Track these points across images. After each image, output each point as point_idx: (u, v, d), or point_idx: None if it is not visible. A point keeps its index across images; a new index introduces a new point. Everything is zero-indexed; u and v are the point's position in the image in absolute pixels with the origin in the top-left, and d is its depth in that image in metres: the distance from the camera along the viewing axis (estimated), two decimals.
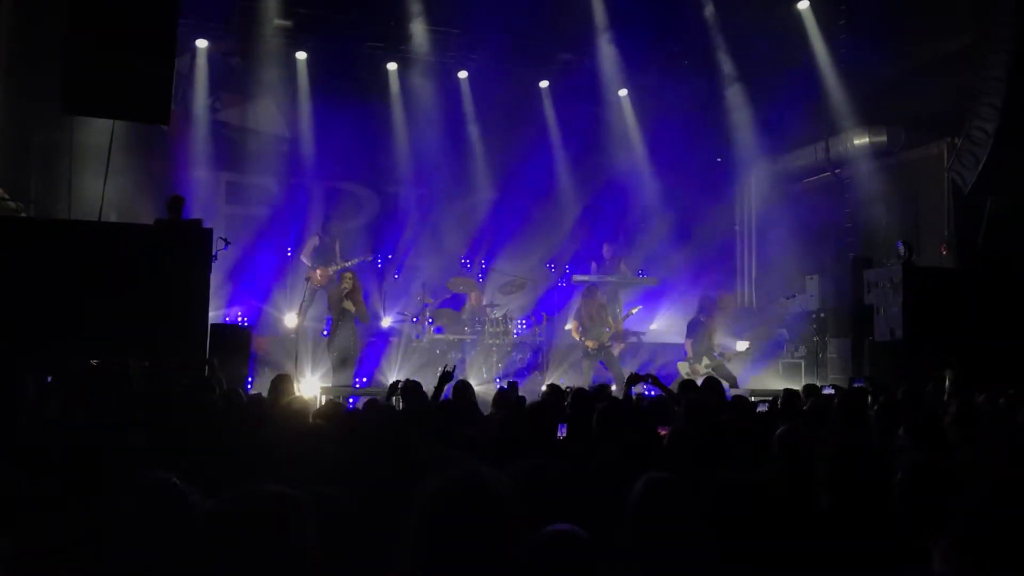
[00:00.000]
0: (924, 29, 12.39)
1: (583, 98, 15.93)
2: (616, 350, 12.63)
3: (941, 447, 4.43)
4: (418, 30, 14.13)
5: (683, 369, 11.87)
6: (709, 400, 6.15)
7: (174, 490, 2.46)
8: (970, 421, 5.18)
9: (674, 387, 7.45)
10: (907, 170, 13.50)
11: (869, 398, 6.48)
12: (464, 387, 7.15)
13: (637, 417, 5.07)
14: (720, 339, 12.78)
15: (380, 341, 12.79)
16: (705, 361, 11.97)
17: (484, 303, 13.49)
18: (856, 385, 8.41)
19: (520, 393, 7.80)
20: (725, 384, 8.67)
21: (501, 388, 7.83)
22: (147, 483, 2.48)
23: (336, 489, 2.93)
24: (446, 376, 6.32)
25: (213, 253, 8.97)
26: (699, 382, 9.72)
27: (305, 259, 13.12)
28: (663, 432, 4.79)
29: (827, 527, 2.81)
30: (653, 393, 8.26)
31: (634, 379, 7.01)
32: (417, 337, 13.03)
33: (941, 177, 12.63)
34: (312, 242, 13.23)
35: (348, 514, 2.80)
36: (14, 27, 11.64)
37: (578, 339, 12.35)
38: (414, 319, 13.39)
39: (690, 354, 12.16)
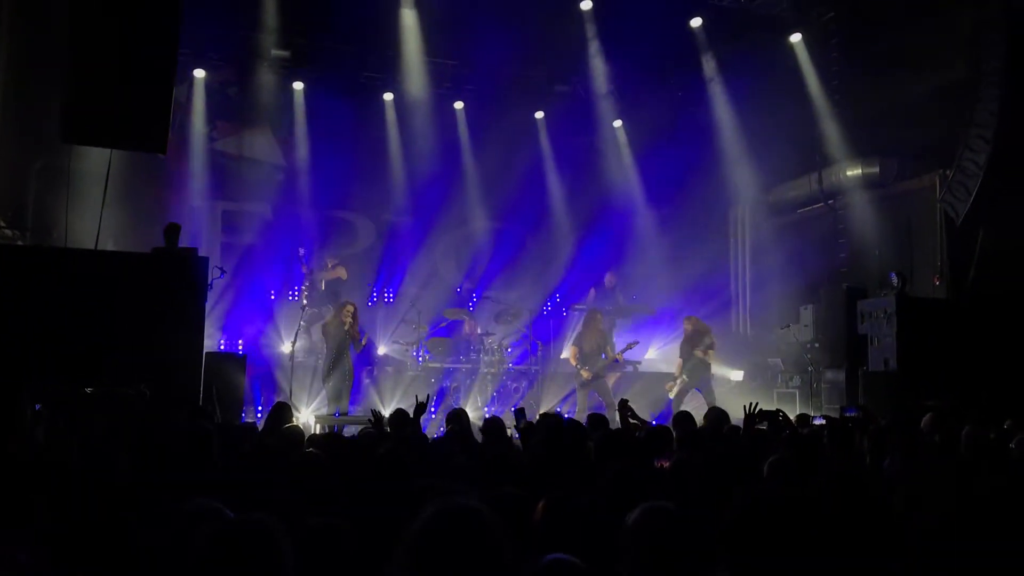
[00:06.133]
0: (917, 62, 12.51)
1: (578, 129, 16.08)
2: (611, 380, 12.57)
3: (928, 474, 4.45)
4: (414, 61, 14.26)
5: (671, 391, 11.84)
6: (703, 430, 6.14)
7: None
8: (954, 450, 5.20)
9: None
10: (900, 201, 13.57)
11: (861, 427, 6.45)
12: (460, 415, 7.11)
13: (630, 448, 5.05)
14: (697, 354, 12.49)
15: (375, 369, 12.77)
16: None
17: (479, 331, 13.49)
18: (848, 414, 8.40)
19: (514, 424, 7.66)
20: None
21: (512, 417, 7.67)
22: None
23: (332, 518, 2.93)
24: (420, 407, 6.26)
25: (209, 281, 9.00)
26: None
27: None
28: (663, 464, 4.77)
29: (818, 549, 2.82)
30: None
31: (624, 404, 6.92)
32: (413, 366, 13.02)
33: (934, 208, 12.68)
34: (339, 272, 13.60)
35: (343, 542, 2.80)
36: (13, 55, 11.70)
37: (575, 365, 12.23)
38: (410, 348, 13.37)
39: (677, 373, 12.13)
